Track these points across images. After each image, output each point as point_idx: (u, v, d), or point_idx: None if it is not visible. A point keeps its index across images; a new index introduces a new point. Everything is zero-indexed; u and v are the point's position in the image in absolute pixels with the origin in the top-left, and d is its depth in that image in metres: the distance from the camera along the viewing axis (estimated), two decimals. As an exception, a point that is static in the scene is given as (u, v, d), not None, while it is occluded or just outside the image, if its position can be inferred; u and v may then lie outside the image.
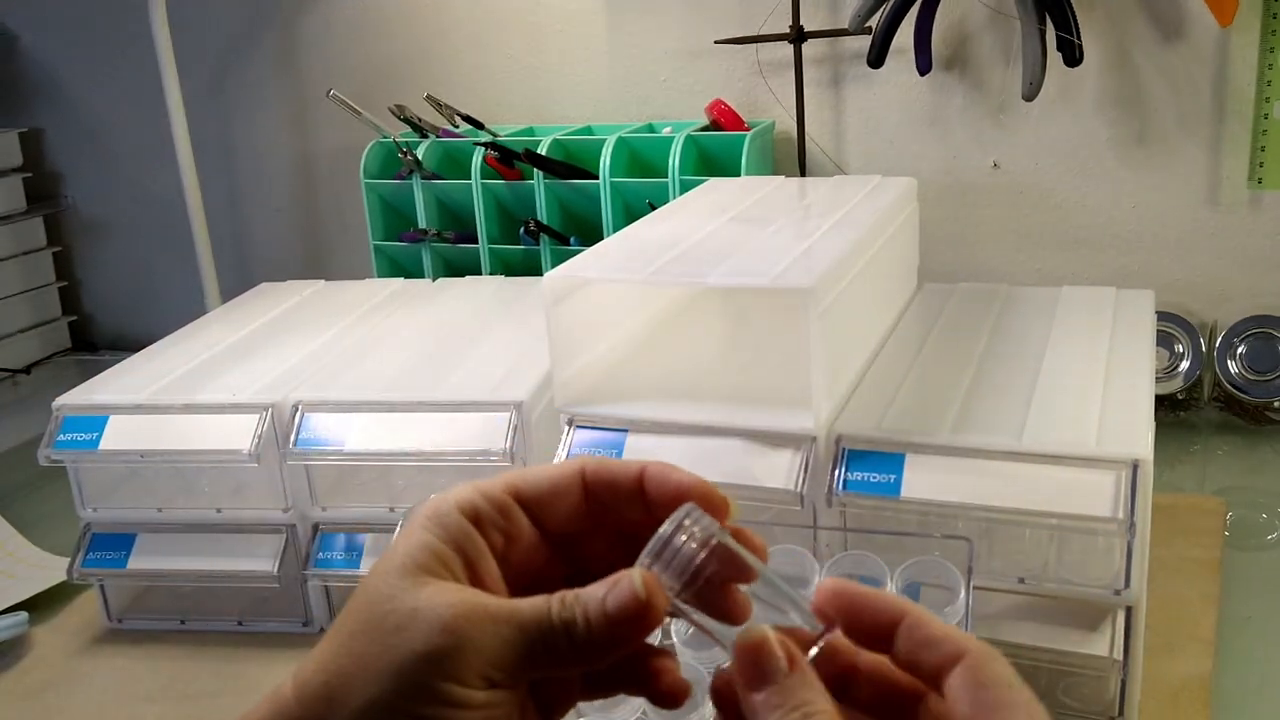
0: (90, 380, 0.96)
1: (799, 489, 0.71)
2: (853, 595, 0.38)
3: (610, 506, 0.41)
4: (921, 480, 0.70)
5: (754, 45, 1.28)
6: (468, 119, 1.36)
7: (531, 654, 0.37)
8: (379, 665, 0.36)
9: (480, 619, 0.37)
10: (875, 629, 0.38)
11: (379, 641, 0.37)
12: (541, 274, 0.78)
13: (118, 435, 0.88)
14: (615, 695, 0.42)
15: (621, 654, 0.38)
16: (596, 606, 0.37)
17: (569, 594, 0.38)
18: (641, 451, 0.76)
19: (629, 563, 0.39)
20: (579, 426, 0.78)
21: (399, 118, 1.33)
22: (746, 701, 0.35)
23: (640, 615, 0.37)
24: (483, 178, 1.28)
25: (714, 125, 1.27)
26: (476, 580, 0.39)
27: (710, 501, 0.40)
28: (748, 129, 1.24)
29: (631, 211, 1.24)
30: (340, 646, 0.38)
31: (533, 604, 0.38)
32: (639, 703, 0.63)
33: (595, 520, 0.41)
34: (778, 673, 0.35)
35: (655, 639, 0.46)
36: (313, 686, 0.37)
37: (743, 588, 0.38)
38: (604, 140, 1.24)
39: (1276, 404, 1.12)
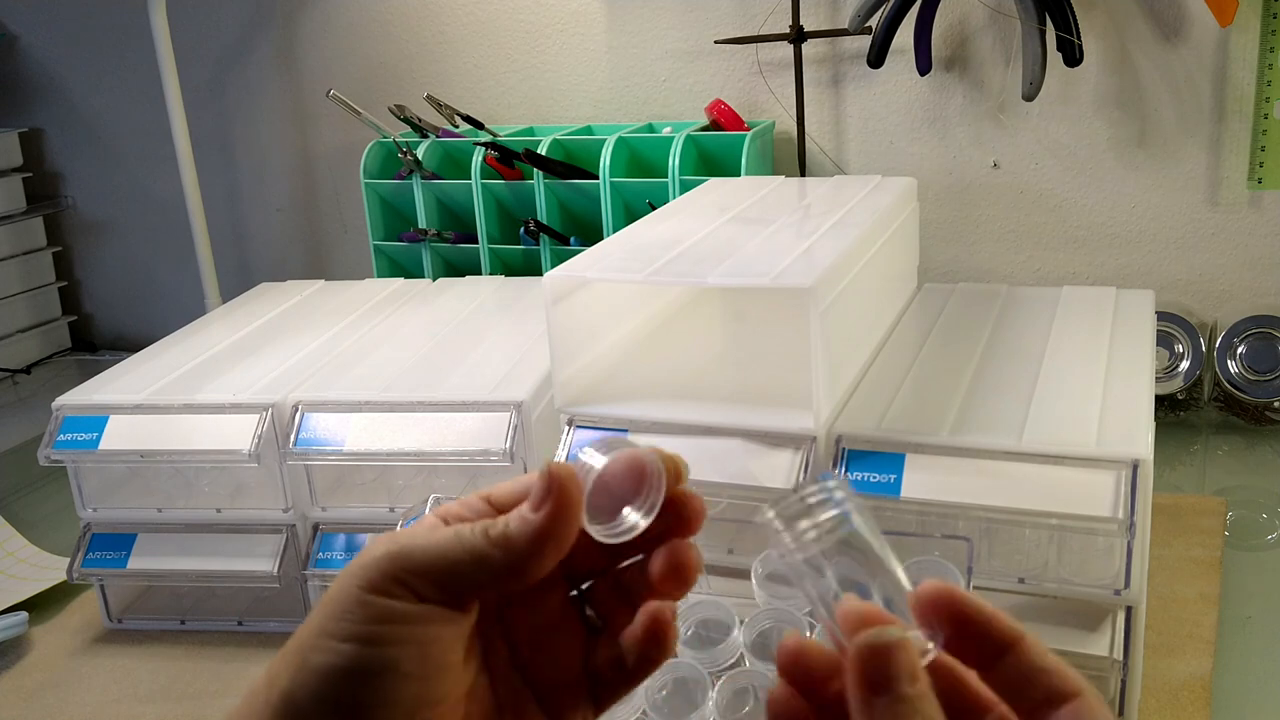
0: (90, 380, 0.96)
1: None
2: (964, 606, 0.37)
3: None
4: (921, 480, 0.70)
5: (754, 45, 1.28)
6: (468, 119, 1.36)
7: (459, 565, 0.37)
8: (351, 629, 0.36)
9: (406, 541, 0.37)
10: (983, 646, 0.36)
11: (347, 617, 0.36)
12: (541, 274, 0.78)
13: (118, 435, 0.88)
14: (628, 685, 0.41)
15: (556, 547, 0.38)
16: (516, 513, 0.38)
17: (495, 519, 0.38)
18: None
19: (614, 561, 0.40)
20: (579, 426, 0.78)
21: (399, 118, 1.33)
22: (860, 701, 0.34)
23: (552, 495, 0.37)
24: (483, 178, 1.28)
25: (714, 125, 1.27)
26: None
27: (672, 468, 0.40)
28: (748, 129, 1.24)
29: (631, 211, 1.24)
30: (309, 636, 0.37)
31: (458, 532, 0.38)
32: (638, 702, 0.63)
33: None
34: (902, 681, 0.34)
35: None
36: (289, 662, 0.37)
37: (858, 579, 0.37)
38: (604, 140, 1.24)
39: (1276, 404, 1.12)
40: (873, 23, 1.19)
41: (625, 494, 0.38)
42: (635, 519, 0.38)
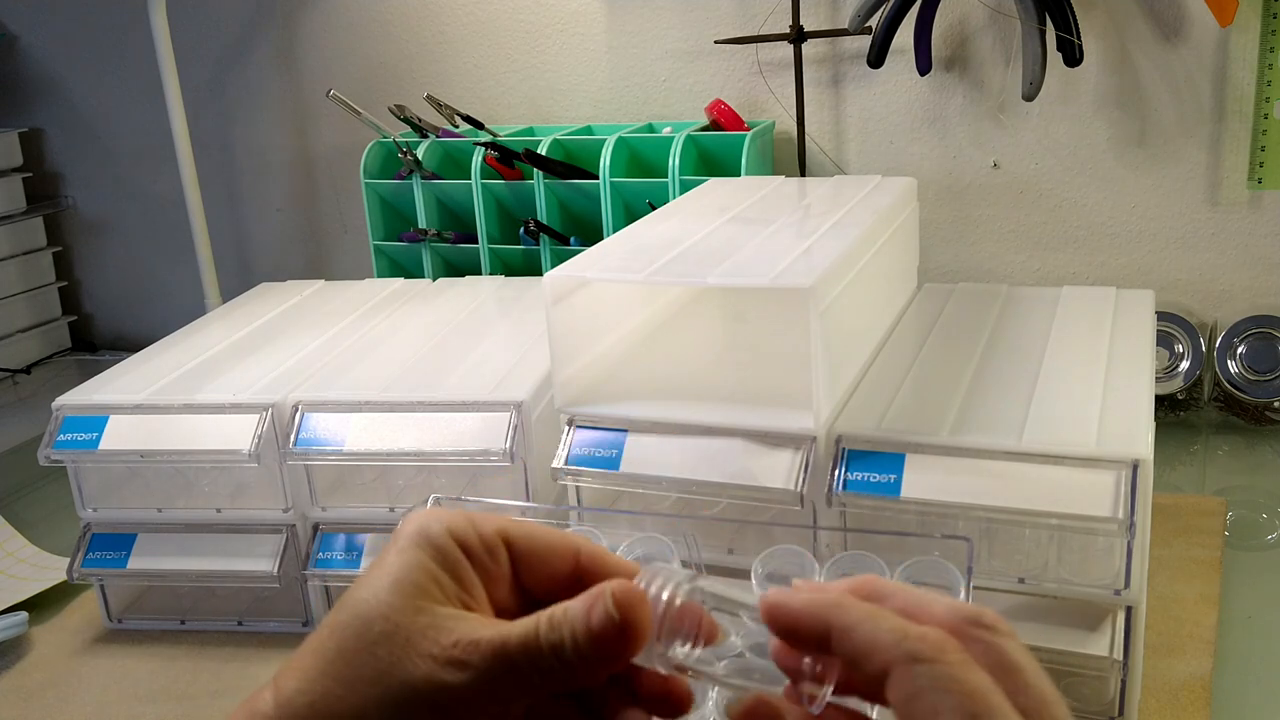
0: (90, 380, 0.96)
1: (799, 489, 0.71)
2: (787, 613, 0.37)
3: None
4: (921, 480, 0.70)
5: (754, 45, 1.28)
6: (468, 119, 1.36)
7: (521, 679, 0.37)
8: (371, 692, 0.36)
9: (470, 681, 0.36)
10: (813, 643, 0.36)
11: (370, 666, 0.36)
12: (541, 274, 0.78)
13: (118, 435, 0.88)
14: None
15: (610, 670, 0.38)
16: (582, 623, 0.37)
17: (556, 610, 0.38)
18: (642, 451, 0.76)
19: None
20: (579, 427, 0.78)
21: (399, 118, 1.33)
22: None
23: (623, 631, 0.37)
24: (483, 178, 1.28)
25: (714, 125, 1.27)
26: (467, 608, 0.39)
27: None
28: (747, 129, 1.24)
29: (631, 211, 1.24)
30: (327, 665, 0.37)
31: (521, 627, 0.37)
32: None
33: (577, 592, 0.39)
34: None
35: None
36: (296, 706, 0.36)
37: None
38: (604, 140, 1.24)
39: (1276, 404, 1.12)
40: (873, 23, 1.19)
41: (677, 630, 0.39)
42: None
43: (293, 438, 0.86)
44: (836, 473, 0.71)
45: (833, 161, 1.32)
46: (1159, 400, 1.10)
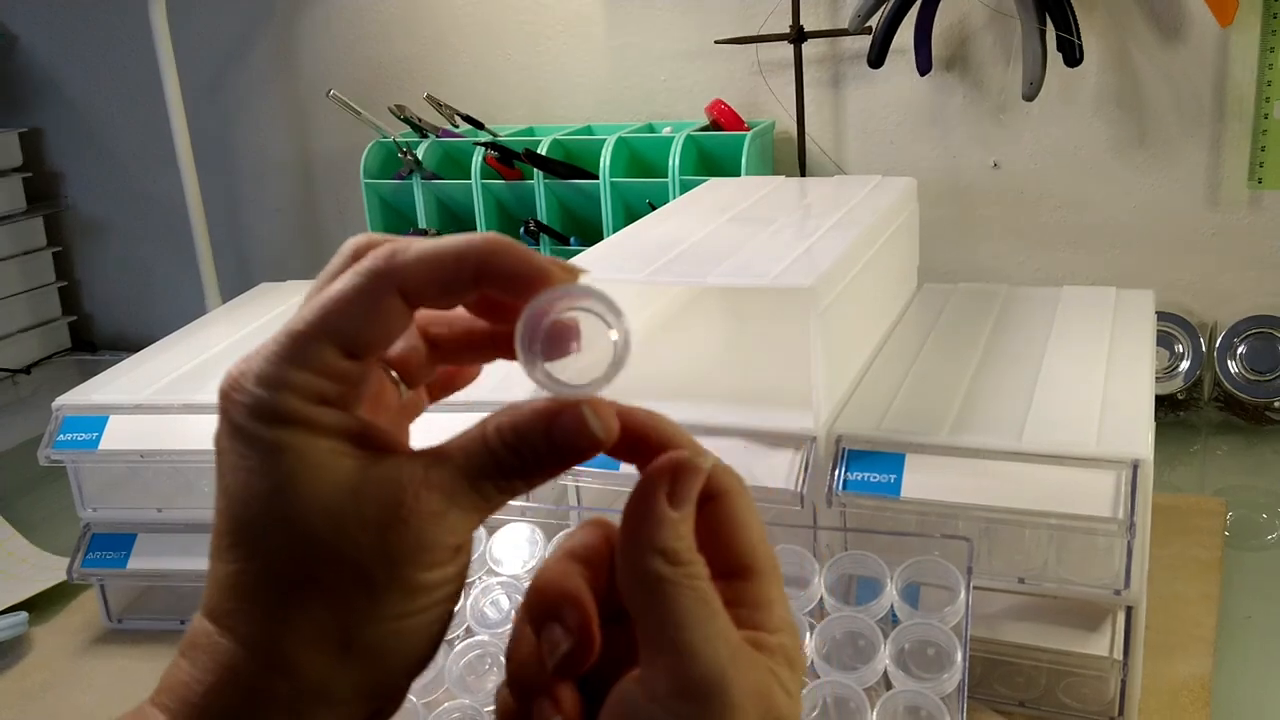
0: (90, 380, 0.96)
1: (799, 489, 0.71)
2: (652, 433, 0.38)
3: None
4: (921, 480, 0.70)
5: (754, 45, 1.28)
6: (468, 119, 1.36)
7: (492, 507, 0.36)
8: (356, 598, 0.34)
9: (436, 503, 0.34)
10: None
11: (338, 572, 0.34)
12: (541, 274, 0.78)
13: (118, 435, 0.88)
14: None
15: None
16: (544, 442, 0.35)
17: (502, 426, 0.36)
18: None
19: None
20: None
21: (399, 118, 1.33)
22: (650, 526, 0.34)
23: (591, 444, 0.36)
24: (483, 178, 1.28)
25: (714, 125, 1.27)
26: (364, 443, 0.36)
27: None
28: (748, 129, 1.24)
29: (631, 211, 1.24)
30: (287, 593, 0.34)
31: (472, 458, 0.36)
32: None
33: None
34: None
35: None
36: (278, 647, 0.34)
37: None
38: (604, 140, 1.24)
39: (1276, 404, 1.12)
40: (873, 23, 1.19)
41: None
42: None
43: (293, 438, 0.85)
44: (836, 473, 0.71)
45: (833, 161, 1.32)
46: (1159, 400, 1.10)
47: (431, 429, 0.45)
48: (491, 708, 0.65)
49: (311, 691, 0.34)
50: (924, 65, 1.21)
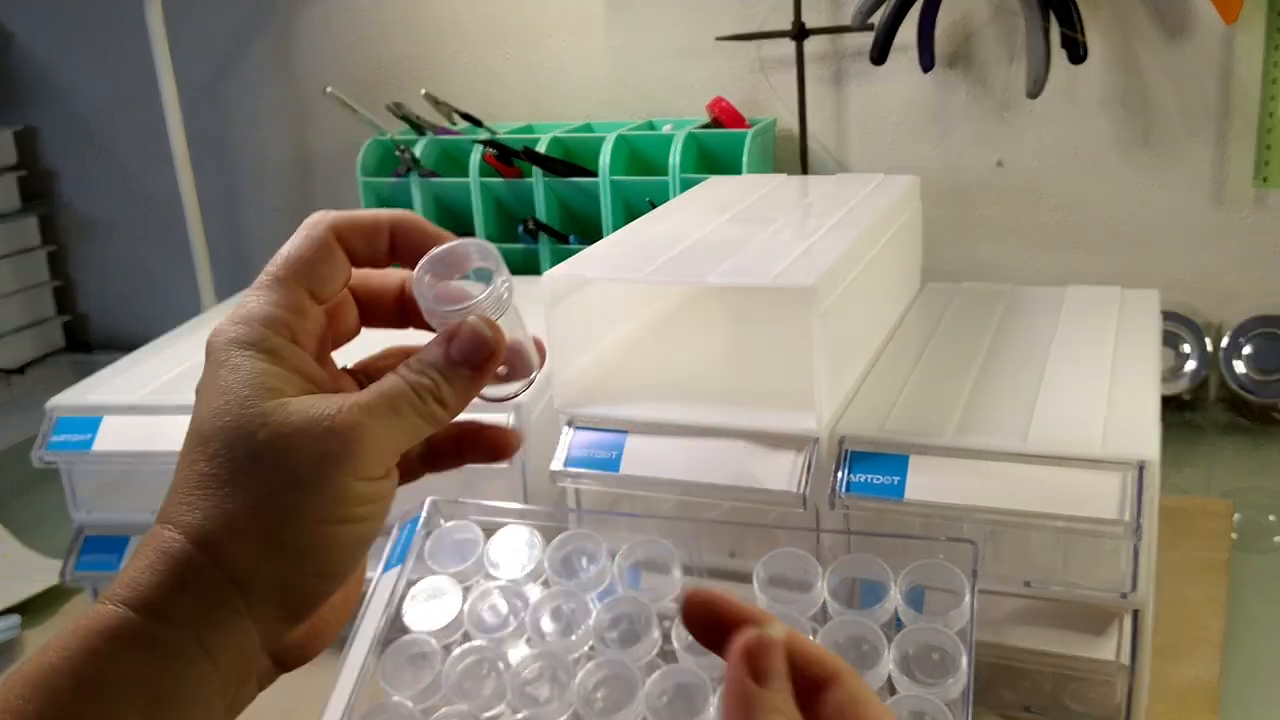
0: (84, 381, 0.95)
1: (801, 491, 0.70)
2: (716, 610, 0.40)
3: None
4: (925, 482, 0.69)
5: (755, 42, 1.28)
6: (466, 116, 1.35)
7: (411, 427, 0.43)
8: (285, 494, 0.39)
9: (357, 414, 0.41)
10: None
11: (272, 469, 0.40)
12: (540, 273, 0.77)
13: (112, 437, 0.88)
14: (452, 467, 0.51)
15: (475, 393, 0.46)
16: (444, 360, 0.44)
17: (410, 361, 0.44)
18: (642, 452, 0.75)
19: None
20: (578, 428, 0.77)
21: (397, 115, 1.33)
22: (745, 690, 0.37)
23: (486, 348, 0.45)
24: (481, 176, 1.27)
25: (715, 123, 1.26)
26: (312, 384, 0.44)
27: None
28: (749, 126, 1.23)
29: (631, 210, 1.23)
30: (229, 488, 0.39)
31: (389, 383, 0.43)
32: (639, 708, 0.62)
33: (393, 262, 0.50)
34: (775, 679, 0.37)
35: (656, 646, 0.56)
36: (209, 531, 0.39)
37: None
38: (604, 138, 1.23)
39: (1282, 404, 1.12)
40: (875, 19, 1.18)
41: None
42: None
43: (288, 439, 0.85)
44: (839, 474, 0.71)
45: (835, 159, 1.31)
46: (1165, 401, 1.09)
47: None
48: (489, 713, 0.64)
49: (234, 579, 0.39)
50: (927, 62, 1.20)
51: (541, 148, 1.25)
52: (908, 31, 1.18)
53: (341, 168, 1.53)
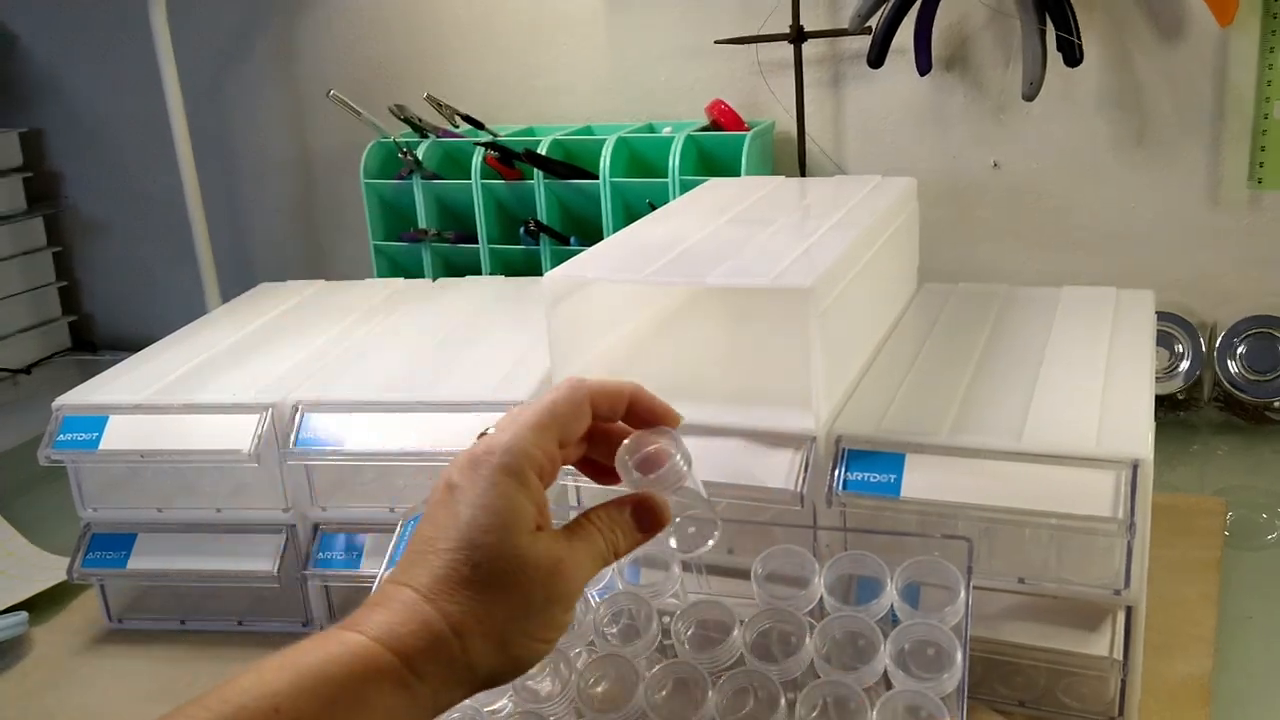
0: (90, 380, 0.96)
1: (799, 489, 0.71)
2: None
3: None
4: (921, 480, 0.70)
5: (754, 45, 1.28)
6: (468, 119, 1.36)
7: (596, 572, 0.57)
8: (520, 615, 0.52)
9: (574, 563, 0.55)
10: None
11: (516, 592, 0.52)
12: (541, 274, 0.78)
13: (118, 435, 0.88)
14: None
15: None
16: (634, 529, 0.59)
17: (606, 518, 0.58)
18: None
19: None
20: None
21: (399, 118, 1.33)
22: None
23: (660, 526, 0.60)
24: (483, 178, 1.28)
25: (714, 125, 1.27)
26: (541, 513, 0.55)
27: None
28: (748, 129, 1.24)
29: (631, 211, 1.24)
30: (484, 596, 0.51)
31: (593, 540, 0.57)
32: (638, 702, 0.63)
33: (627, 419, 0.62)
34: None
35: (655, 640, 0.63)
36: (466, 629, 0.50)
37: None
38: (604, 140, 1.24)
39: (1276, 404, 1.12)
40: (873, 22, 1.19)
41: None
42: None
43: (293, 438, 0.86)
44: (836, 473, 0.71)
45: (833, 161, 1.32)
46: (1159, 400, 1.10)
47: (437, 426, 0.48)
48: (491, 707, 0.65)
49: (468, 662, 0.51)
50: (924, 65, 1.21)
51: (542, 150, 1.26)
52: (905, 35, 1.19)
53: (343, 168, 1.53)
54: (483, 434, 0.60)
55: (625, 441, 0.60)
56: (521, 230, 1.27)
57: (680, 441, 0.61)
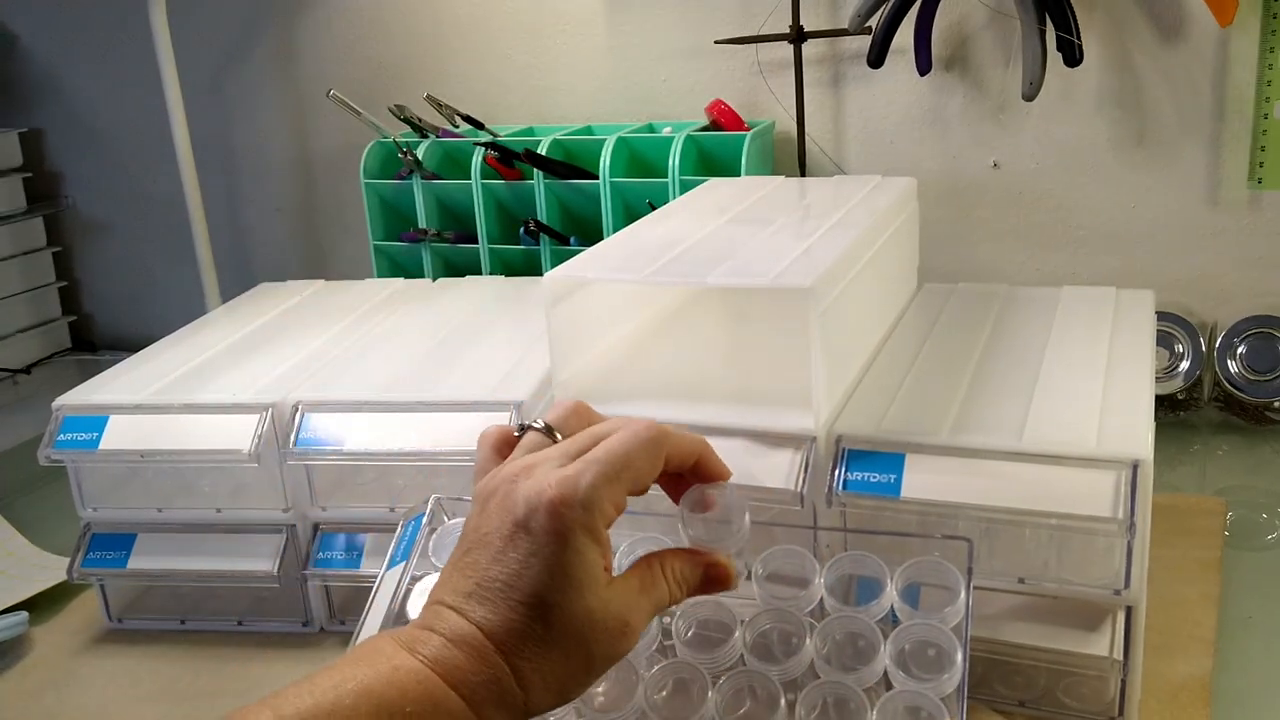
0: (90, 380, 0.96)
1: (799, 489, 0.71)
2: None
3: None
4: (921, 480, 0.70)
5: (754, 45, 1.28)
6: (468, 119, 1.36)
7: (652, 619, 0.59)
8: (583, 670, 0.53)
9: (638, 621, 0.55)
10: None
11: (580, 648, 0.53)
12: (541, 274, 0.78)
13: (118, 435, 0.88)
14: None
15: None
16: (697, 588, 0.59)
17: (676, 573, 0.58)
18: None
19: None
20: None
21: (399, 118, 1.33)
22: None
23: (723, 587, 0.60)
24: (483, 178, 1.28)
25: (714, 125, 1.27)
26: (608, 561, 0.55)
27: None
28: (748, 129, 1.24)
29: (631, 211, 1.24)
30: (552, 652, 0.52)
31: (660, 592, 0.57)
32: (638, 702, 0.63)
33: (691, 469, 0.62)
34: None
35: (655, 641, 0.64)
36: (533, 684, 0.52)
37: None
38: (604, 140, 1.24)
39: (1276, 404, 1.12)
40: (872, 23, 1.19)
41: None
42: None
43: (293, 438, 0.86)
44: (836, 473, 0.71)
45: (833, 161, 1.32)
46: (1159, 400, 1.10)
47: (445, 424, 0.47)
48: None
49: (527, 708, 0.52)
50: (924, 65, 1.21)
51: (542, 150, 1.26)
52: (905, 35, 1.19)
53: (343, 168, 1.54)
54: (525, 427, 0.60)
55: (689, 493, 0.61)
56: (521, 230, 1.27)
57: (740, 499, 0.61)
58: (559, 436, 0.59)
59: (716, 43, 1.29)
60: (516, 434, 0.60)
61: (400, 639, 0.52)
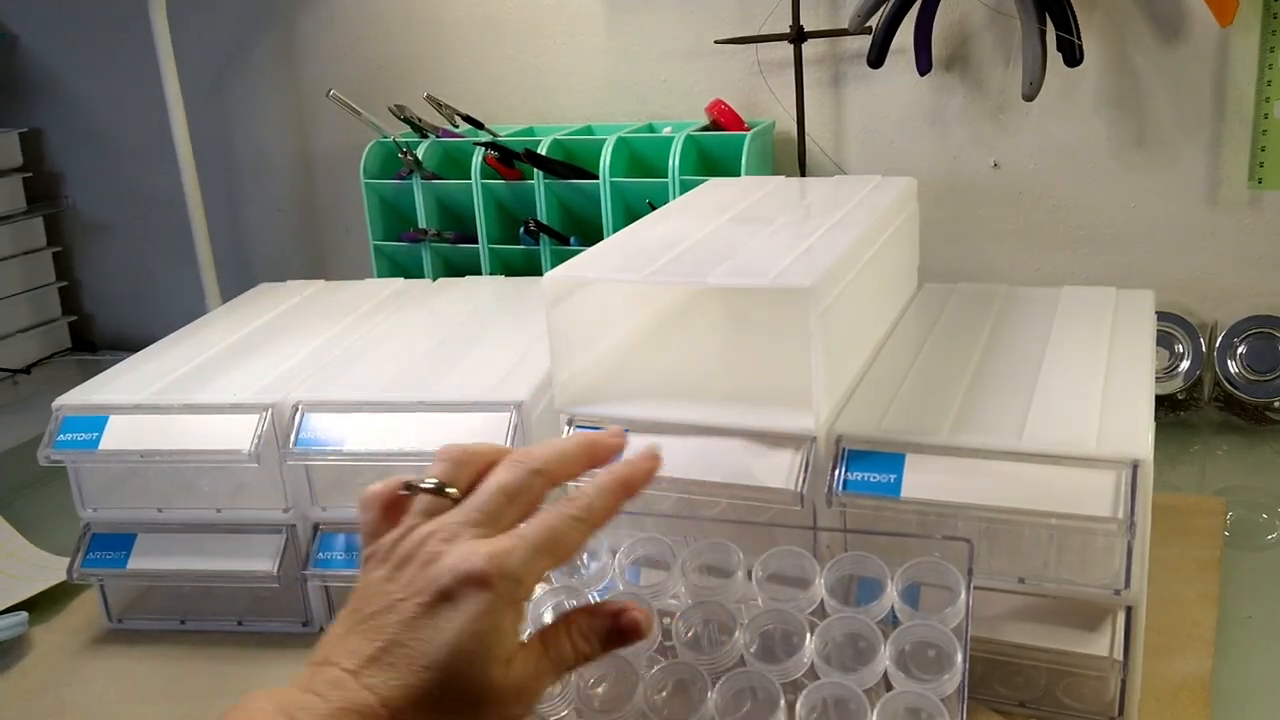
0: (90, 380, 0.96)
1: (799, 489, 0.71)
2: None
3: None
4: (921, 480, 0.70)
5: (754, 45, 1.28)
6: (468, 119, 1.36)
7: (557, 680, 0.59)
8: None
9: (538, 687, 0.55)
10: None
11: (488, 714, 0.52)
12: (541, 274, 0.78)
13: (118, 435, 0.88)
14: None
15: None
16: (605, 638, 0.59)
17: (582, 637, 0.58)
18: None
19: None
20: (579, 427, 0.78)
21: (399, 118, 1.33)
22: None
23: (636, 639, 0.59)
24: (483, 178, 1.28)
25: (714, 125, 1.27)
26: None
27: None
28: (748, 129, 1.24)
29: (631, 211, 1.24)
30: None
31: (560, 656, 0.57)
32: (638, 703, 0.63)
33: None
34: None
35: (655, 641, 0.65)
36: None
37: None
38: (604, 140, 1.24)
39: (1276, 404, 1.12)
40: (873, 22, 1.19)
41: None
42: None
43: (293, 438, 0.86)
44: (836, 473, 0.71)
45: (833, 161, 1.32)
46: (1159, 400, 1.10)
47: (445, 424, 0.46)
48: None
49: None
50: (924, 65, 1.21)
51: (542, 150, 1.26)
52: (905, 35, 1.19)
53: (344, 168, 1.54)
54: (414, 487, 0.58)
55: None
56: (521, 230, 1.27)
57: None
58: (450, 491, 0.57)
59: (716, 43, 1.29)
60: (404, 493, 0.58)
61: (280, 702, 0.49)
